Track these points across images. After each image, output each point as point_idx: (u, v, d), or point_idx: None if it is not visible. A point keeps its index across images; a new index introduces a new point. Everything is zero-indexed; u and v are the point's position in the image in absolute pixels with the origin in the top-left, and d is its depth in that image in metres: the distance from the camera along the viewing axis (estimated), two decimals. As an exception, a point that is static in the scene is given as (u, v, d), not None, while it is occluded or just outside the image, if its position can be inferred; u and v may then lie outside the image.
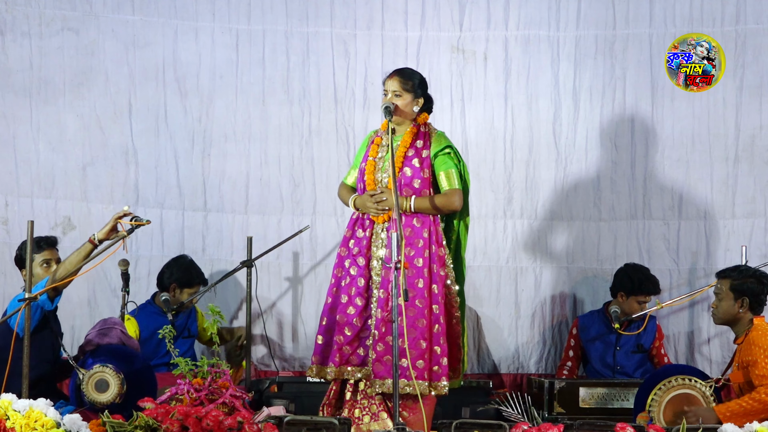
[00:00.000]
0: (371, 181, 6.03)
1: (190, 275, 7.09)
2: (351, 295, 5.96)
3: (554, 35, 7.58)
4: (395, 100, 6.00)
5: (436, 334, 5.88)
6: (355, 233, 6.03)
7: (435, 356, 5.87)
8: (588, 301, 7.58)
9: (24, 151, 7.41)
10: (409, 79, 6.04)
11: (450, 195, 5.97)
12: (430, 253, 5.92)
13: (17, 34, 7.39)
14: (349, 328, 5.93)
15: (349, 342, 5.93)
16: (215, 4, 7.55)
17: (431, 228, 5.96)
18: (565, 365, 7.34)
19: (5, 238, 7.35)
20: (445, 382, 5.89)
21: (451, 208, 5.99)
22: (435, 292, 5.91)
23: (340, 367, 5.94)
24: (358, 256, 5.98)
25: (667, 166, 7.57)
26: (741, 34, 7.49)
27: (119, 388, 5.70)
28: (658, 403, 5.70)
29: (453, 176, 5.99)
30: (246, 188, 7.59)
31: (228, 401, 5.41)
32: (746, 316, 5.85)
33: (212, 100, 7.57)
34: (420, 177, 5.97)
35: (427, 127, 6.09)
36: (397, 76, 6.04)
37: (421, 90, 6.08)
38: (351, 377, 5.95)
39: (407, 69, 6.22)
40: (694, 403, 5.67)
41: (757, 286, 5.87)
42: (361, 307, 5.94)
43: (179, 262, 7.14)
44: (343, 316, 5.95)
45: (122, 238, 5.67)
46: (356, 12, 7.59)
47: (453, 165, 6.00)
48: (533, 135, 7.61)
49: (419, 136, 6.03)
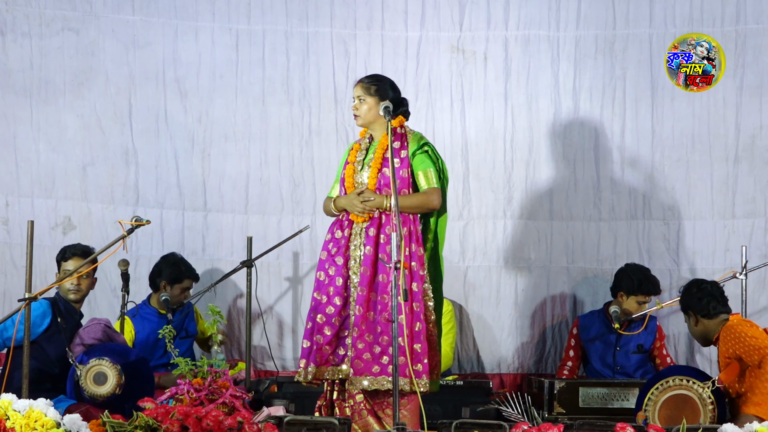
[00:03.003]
0: (350, 184, 6.05)
1: (179, 271, 7.09)
2: (330, 295, 5.96)
3: (554, 35, 7.58)
4: (358, 106, 6.03)
5: (417, 333, 5.86)
6: (334, 235, 6.04)
7: (416, 354, 5.85)
8: (588, 301, 7.58)
9: (24, 151, 7.42)
10: (372, 84, 6.05)
11: (428, 194, 5.97)
12: (410, 251, 5.93)
13: (17, 34, 7.39)
14: (328, 328, 5.93)
15: (328, 342, 5.92)
16: (215, 4, 7.56)
17: (411, 227, 5.97)
18: (565, 365, 7.34)
19: (5, 238, 7.36)
20: (426, 380, 5.85)
21: (429, 206, 5.98)
22: (415, 290, 5.90)
23: (320, 367, 5.93)
24: (337, 256, 5.99)
25: (667, 166, 7.57)
26: (741, 34, 7.49)
27: (117, 378, 5.73)
28: (654, 403, 5.70)
29: (431, 175, 5.99)
30: (246, 188, 7.59)
31: (228, 401, 5.42)
32: (710, 324, 5.92)
33: (212, 100, 7.58)
34: (399, 177, 5.97)
35: (403, 129, 6.09)
36: (359, 83, 6.08)
37: (387, 94, 6.03)
38: (332, 377, 5.94)
39: (372, 74, 6.22)
40: (689, 405, 5.67)
41: (690, 297, 6.02)
42: (340, 306, 5.94)
43: (167, 260, 7.14)
44: (323, 316, 5.95)
45: (122, 238, 5.67)
46: (356, 12, 7.59)
47: (431, 164, 5.99)
48: (533, 135, 7.61)
49: (396, 138, 6.04)
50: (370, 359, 5.82)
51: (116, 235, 6.07)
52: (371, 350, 5.84)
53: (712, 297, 5.99)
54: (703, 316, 5.95)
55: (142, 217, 5.76)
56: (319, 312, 5.96)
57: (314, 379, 5.94)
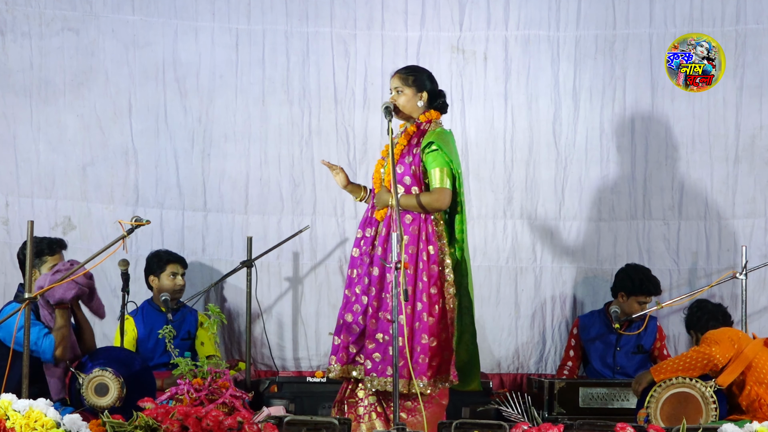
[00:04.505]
0: (377, 179, 6.05)
1: (159, 257, 7.12)
2: (357, 294, 5.96)
3: (554, 35, 7.58)
4: (397, 98, 5.99)
5: (417, 331, 5.84)
6: (365, 233, 6.04)
7: (414, 354, 5.82)
8: (588, 301, 7.58)
9: (24, 151, 7.42)
10: (410, 75, 6.03)
11: (435, 193, 5.91)
12: (417, 250, 5.90)
13: (17, 34, 7.39)
14: (355, 327, 5.93)
15: (355, 341, 5.92)
16: (215, 4, 7.56)
17: (421, 225, 5.93)
18: (565, 365, 7.34)
19: (5, 238, 7.36)
20: (423, 382, 5.80)
21: (436, 206, 5.93)
22: (419, 289, 5.88)
23: (345, 366, 5.92)
24: (364, 255, 5.98)
25: (667, 166, 7.57)
26: (741, 34, 7.49)
27: (119, 392, 5.70)
28: (656, 400, 5.70)
29: (438, 174, 5.92)
30: (246, 188, 7.59)
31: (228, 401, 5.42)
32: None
33: (212, 100, 7.58)
34: (410, 174, 5.95)
35: (430, 125, 6.06)
36: (397, 73, 6.05)
37: (425, 85, 6.03)
38: (359, 376, 5.91)
39: (409, 65, 6.23)
40: (691, 403, 5.68)
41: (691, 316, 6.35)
42: (366, 305, 5.92)
43: (148, 256, 7.18)
44: (350, 314, 5.95)
45: (122, 238, 5.67)
46: (356, 12, 7.59)
47: (441, 162, 5.91)
48: (533, 135, 7.61)
49: (418, 134, 6.01)
50: (380, 359, 5.80)
51: (116, 235, 6.07)
52: (382, 350, 5.82)
53: (712, 316, 6.21)
54: (703, 334, 5.99)
55: (142, 217, 5.75)
56: (348, 310, 5.96)
57: (340, 377, 5.94)
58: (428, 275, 5.90)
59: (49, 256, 6.13)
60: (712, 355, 5.69)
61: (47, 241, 6.17)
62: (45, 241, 6.16)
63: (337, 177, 6.19)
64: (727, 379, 5.74)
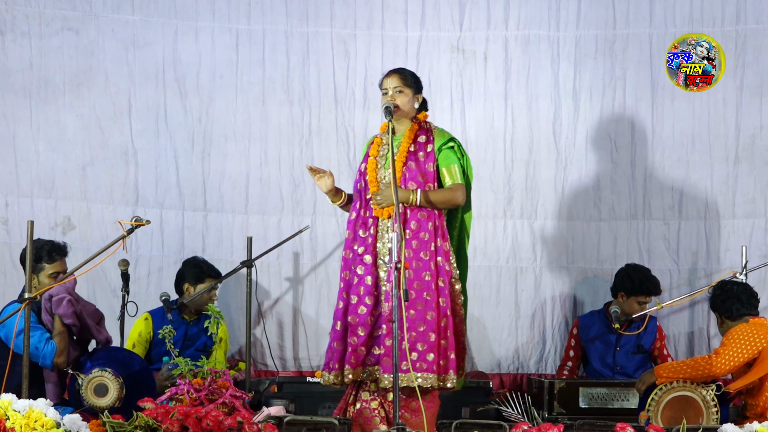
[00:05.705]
0: (373, 179, 6.03)
1: (201, 270, 7.06)
2: (360, 295, 5.93)
3: (554, 35, 7.58)
4: (398, 97, 6.00)
5: (443, 328, 5.86)
6: (357, 233, 6.02)
7: (442, 350, 5.84)
8: (588, 301, 7.58)
9: (24, 151, 7.41)
10: (409, 76, 6.07)
11: (454, 190, 5.97)
12: (435, 246, 5.92)
13: (17, 34, 7.39)
14: (362, 329, 5.89)
15: (363, 343, 5.89)
16: (215, 4, 7.56)
17: (436, 221, 5.95)
18: (565, 365, 7.34)
19: (5, 238, 7.35)
20: (453, 376, 5.86)
21: (454, 202, 5.99)
22: (441, 285, 5.89)
23: (356, 369, 5.88)
24: (365, 255, 5.95)
25: (667, 166, 7.57)
26: (741, 34, 7.49)
27: (118, 392, 5.70)
28: (657, 404, 5.70)
29: (455, 171, 5.99)
30: (246, 188, 7.59)
31: (228, 401, 5.42)
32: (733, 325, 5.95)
33: (212, 100, 7.58)
34: (424, 171, 5.96)
35: (428, 124, 6.10)
36: (396, 74, 6.06)
37: (420, 87, 6.11)
38: (370, 377, 5.90)
39: (403, 68, 6.24)
40: (692, 407, 5.68)
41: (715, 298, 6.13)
42: (371, 305, 5.90)
43: (189, 262, 7.12)
44: (355, 316, 5.91)
45: (122, 238, 5.67)
46: (356, 12, 7.59)
47: (456, 160, 6.00)
48: (533, 135, 7.61)
49: (421, 132, 6.04)
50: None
51: (116, 235, 6.07)
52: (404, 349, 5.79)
53: (737, 299, 6.07)
54: (726, 317, 6.02)
55: (142, 217, 5.76)
56: (351, 313, 5.92)
57: (350, 382, 5.91)
58: (447, 271, 5.92)
59: (47, 263, 6.10)
60: (711, 371, 5.71)
61: (48, 248, 6.12)
62: (46, 247, 6.11)
63: (320, 181, 6.11)
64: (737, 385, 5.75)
